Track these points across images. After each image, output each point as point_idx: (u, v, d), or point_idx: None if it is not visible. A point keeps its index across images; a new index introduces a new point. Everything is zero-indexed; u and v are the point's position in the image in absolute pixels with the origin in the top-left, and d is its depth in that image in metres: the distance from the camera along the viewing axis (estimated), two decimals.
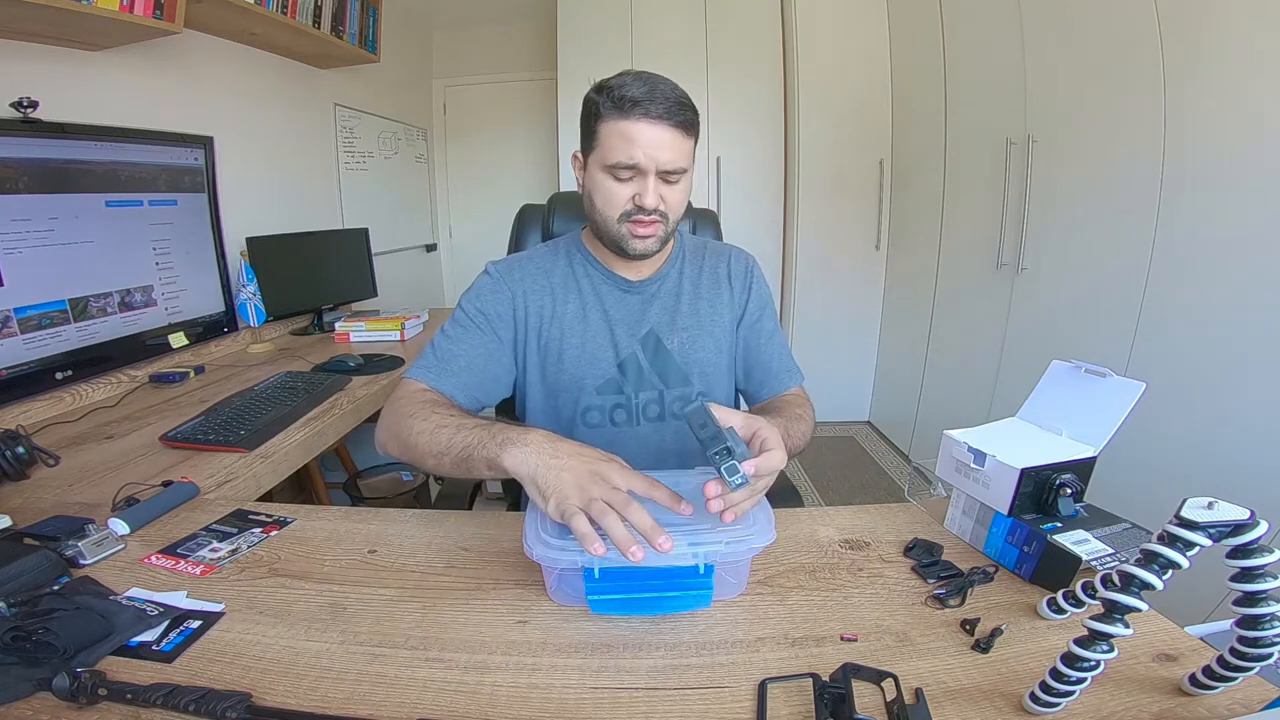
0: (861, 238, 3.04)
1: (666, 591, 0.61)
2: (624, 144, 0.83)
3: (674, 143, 0.84)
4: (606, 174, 0.87)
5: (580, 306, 0.97)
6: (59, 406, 1.36)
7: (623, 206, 0.87)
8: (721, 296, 1.02)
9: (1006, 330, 2.11)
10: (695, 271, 1.03)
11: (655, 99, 0.82)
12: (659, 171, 0.85)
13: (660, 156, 0.84)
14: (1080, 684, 0.47)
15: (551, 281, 0.98)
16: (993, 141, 2.10)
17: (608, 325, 0.97)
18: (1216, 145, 1.37)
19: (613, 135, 0.84)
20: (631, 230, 0.88)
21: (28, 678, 0.51)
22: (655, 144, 0.83)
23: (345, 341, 2.05)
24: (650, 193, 0.85)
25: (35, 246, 1.33)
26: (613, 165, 0.85)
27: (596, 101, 0.86)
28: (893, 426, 3.04)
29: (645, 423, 0.98)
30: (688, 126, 0.85)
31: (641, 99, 0.82)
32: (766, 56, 3.05)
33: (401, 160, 3.36)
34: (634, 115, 0.82)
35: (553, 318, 0.97)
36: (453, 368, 0.90)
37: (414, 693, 0.52)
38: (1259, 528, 0.42)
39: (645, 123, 0.82)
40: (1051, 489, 0.68)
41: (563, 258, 1.01)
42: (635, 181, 0.86)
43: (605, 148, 0.85)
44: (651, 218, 0.87)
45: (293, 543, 0.76)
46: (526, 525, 0.64)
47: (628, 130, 0.83)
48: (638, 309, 0.98)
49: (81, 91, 1.51)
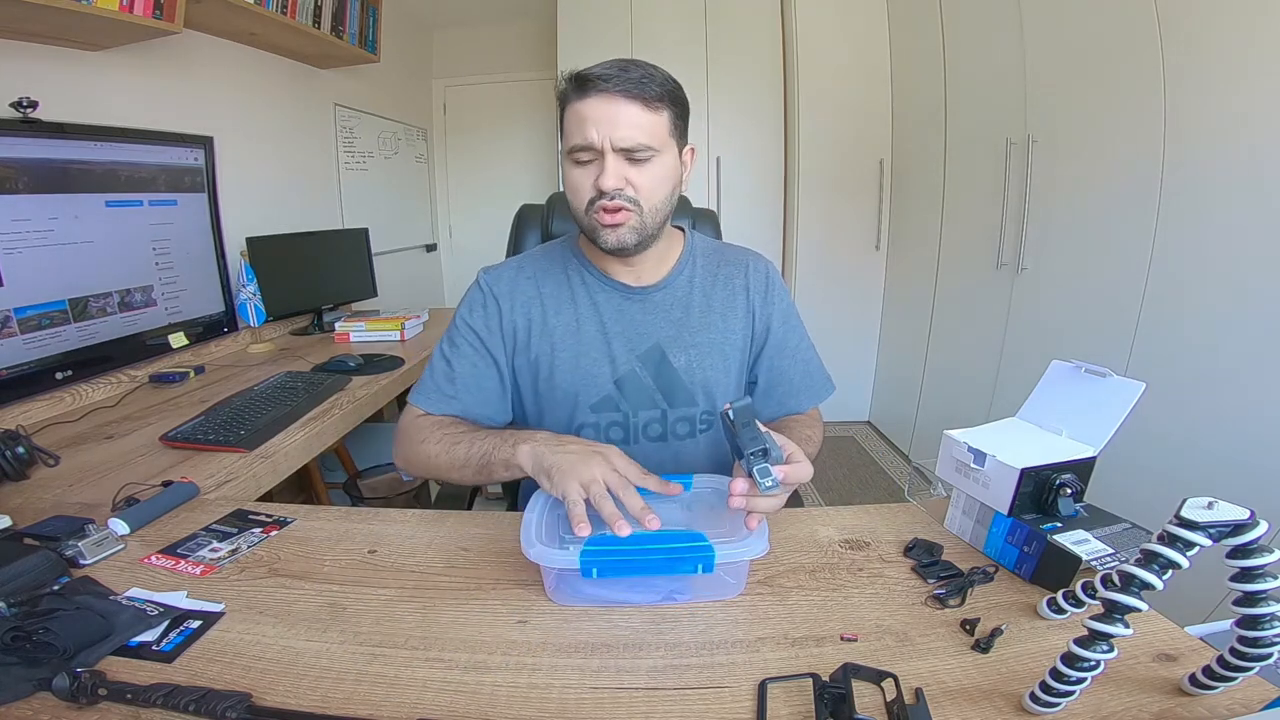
0: (861, 238, 3.04)
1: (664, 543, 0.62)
2: (580, 124, 0.77)
3: (635, 117, 0.77)
4: (570, 161, 0.81)
5: (574, 317, 0.91)
6: (59, 406, 1.36)
7: (587, 194, 0.80)
8: (736, 310, 0.94)
9: (1006, 330, 2.11)
10: (708, 280, 0.95)
11: (616, 73, 0.76)
12: (619, 149, 0.77)
13: (615, 133, 0.76)
14: (1080, 684, 0.47)
15: (542, 290, 0.92)
16: (993, 141, 2.10)
17: (604, 338, 0.90)
18: (1216, 145, 1.37)
19: (571, 119, 0.79)
20: (599, 219, 0.80)
21: (28, 678, 0.51)
22: (609, 120, 0.76)
23: (345, 341, 2.05)
24: (609, 174, 0.77)
25: (35, 246, 1.33)
26: (571, 149, 0.80)
27: (559, 92, 0.81)
28: (893, 426, 3.04)
29: (646, 442, 0.92)
30: (654, 100, 0.77)
31: (598, 75, 0.76)
32: (766, 56, 3.05)
33: (401, 160, 3.36)
34: (588, 92, 0.77)
35: (543, 330, 0.90)
36: (450, 392, 0.89)
37: (414, 693, 0.52)
38: (1259, 528, 0.42)
39: (601, 98, 0.76)
40: (1051, 489, 0.68)
41: (558, 262, 0.94)
42: (595, 164, 0.79)
43: (567, 134, 0.80)
44: (617, 203, 0.78)
45: (293, 543, 0.76)
46: (524, 526, 0.64)
47: (582, 109, 0.77)
48: (638, 319, 0.91)
49: (81, 91, 1.51)
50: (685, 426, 0.92)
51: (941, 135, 2.49)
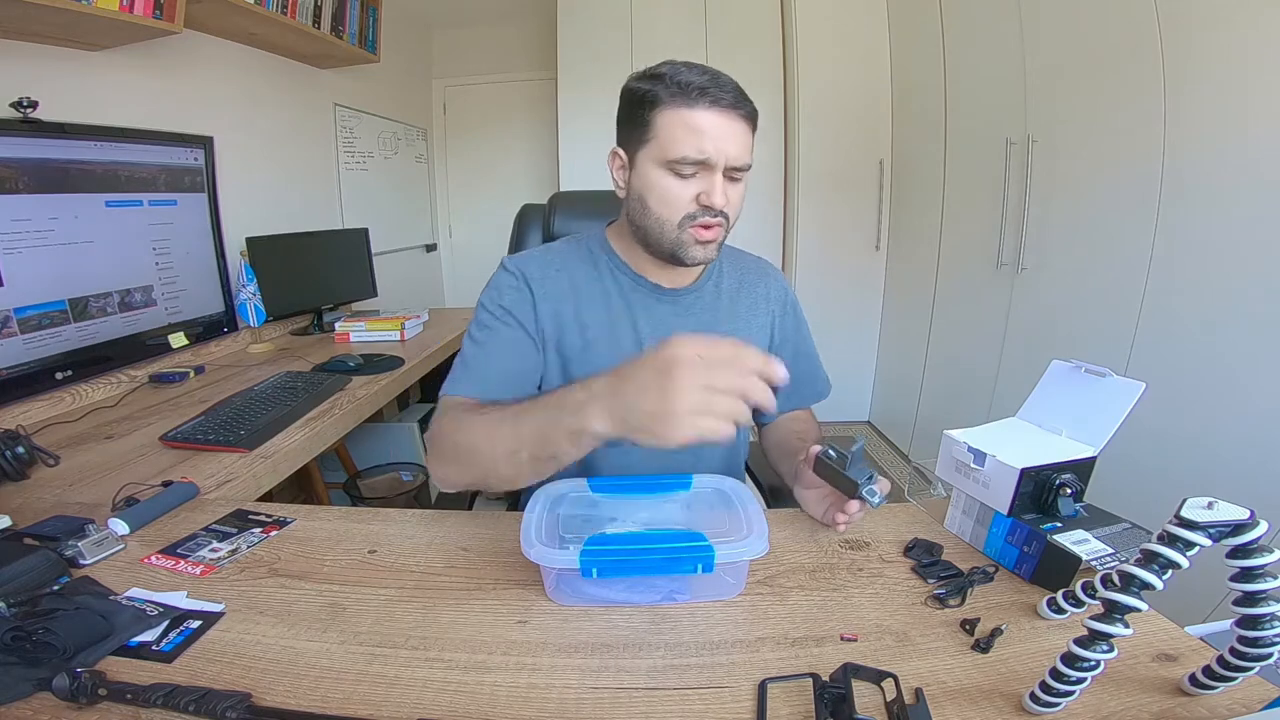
0: (861, 238, 3.04)
1: (664, 543, 0.62)
2: (690, 135, 0.74)
3: (743, 136, 0.76)
4: (666, 170, 0.77)
5: (607, 315, 0.87)
6: (59, 406, 1.36)
7: (685, 208, 0.77)
8: (758, 319, 0.94)
9: (1006, 330, 2.11)
10: (734, 286, 0.94)
11: (722, 85, 0.74)
12: (730, 167, 0.76)
13: (730, 150, 0.75)
14: (1080, 684, 0.47)
15: (575, 284, 0.88)
16: (993, 141, 2.10)
17: (636, 339, 0.87)
18: (1216, 145, 1.37)
19: (675, 126, 0.74)
20: (695, 235, 0.78)
21: (28, 678, 0.51)
22: (725, 135, 0.74)
23: (345, 341, 2.05)
24: (718, 190, 0.76)
25: (35, 246, 1.33)
26: (676, 160, 0.75)
27: (648, 89, 0.76)
28: (893, 426, 3.04)
29: None
30: (753, 119, 0.78)
31: (707, 85, 0.73)
32: (766, 56, 3.05)
33: (401, 160, 3.36)
34: (701, 103, 0.73)
35: (575, 325, 0.86)
36: (487, 375, 0.81)
37: (414, 693, 0.52)
38: (1259, 528, 0.42)
39: (714, 111, 0.74)
40: (1051, 489, 0.68)
41: (587, 258, 0.90)
42: (699, 179, 0.76)
43: (665, 140, 0.75)
44: (718, 219, 0.78)
45: (293, 543, 0.76)
46: (524, 526, 0.64)
47: (694, 120, 0.74)
48: (669, 321, 0.89)
49: (81, 91, 1.51)
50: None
51: (941, 135, 2.48)
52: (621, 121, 0.81)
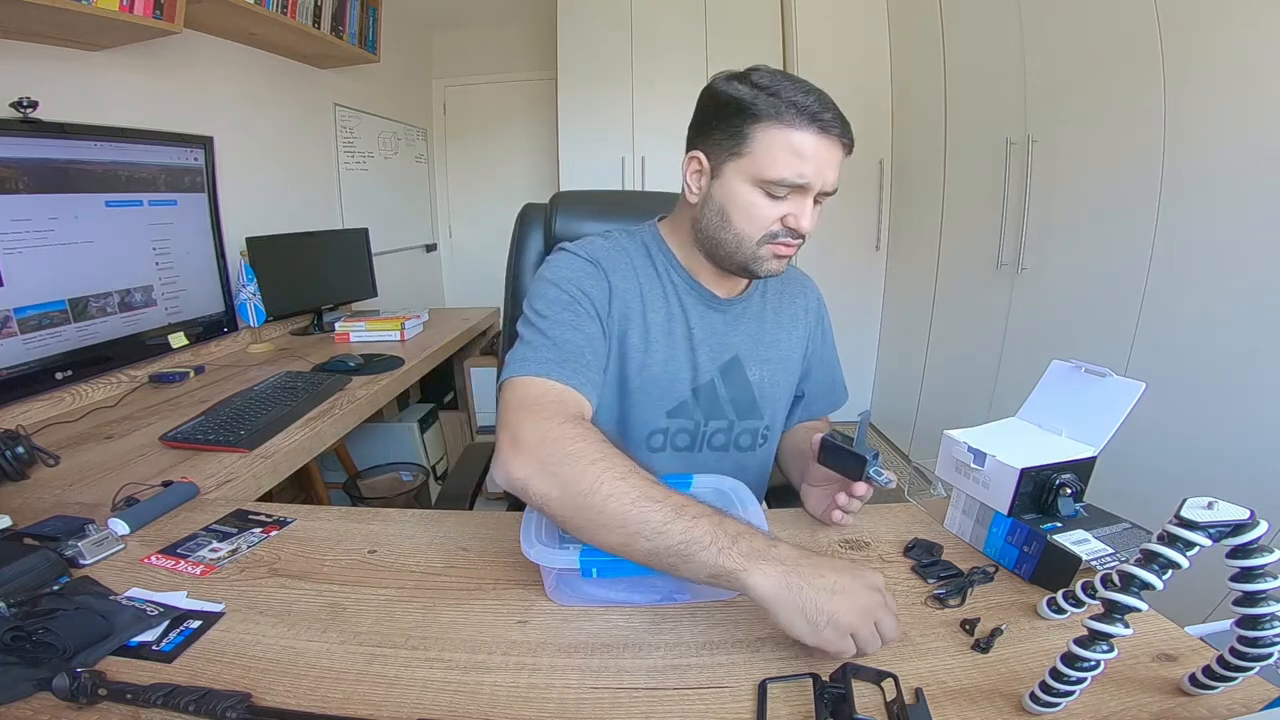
0: (861, 238, 3.04)
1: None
2: (792, 158, 0.72)
3: (840, 163, 0.75)
4: (757, 188, 0.74)
5: (667, 316, 0.85)
6: (59, 406, 1.36)
7: (769, 227, 0.76)
8: (797, 330, 0.95)
9: (1006, 330, 2.11)
10: (776, 296, 0.94)
11: (828, 108, 0.72)
12: (821, 193, 0.75)
13: (829, 176, 0.74)
14: (1080, 684, 0.47)
15: (640, 280, 0.85)
16: (993, 141, 2.10)
17: (690, 344, 0.86)
18: (1216, 145, 1.37)
19: (778, 145, 0.72)
20: (774, 251, 0.78)
21: (28, 678, 0.51)
22: (827, 162, 0.73)
23: (345, 341, 2.05)
24: (808, 215, 0.75)
25: (35, 246, 1.33)
26: (773, 181, 0.73)
27: (748, 100, 0.73)
28: (893, 426, 3.04)
29: (708, 450, 0.90)
30: (851, 148, 0.76)
31: (816, 109, 0.71)
32: (767, 56, 3.03)
33: (401, 160, 3.36)
34: (810, 127, 0.71)
35: (640, 322, 0.83)
36: (581, 362, 0.73)
37: (414, 693, 0.52)
38: (1259, 528, 0.42)
39: (826, 140, 0.72)
40: (1051, 489, 0.68)
41: (644, 255, 0.87)
42: (790, 201, 0.75)
43: (764, 158, 0.73)
44: (798, 240, 0.77)
45: (293, 543, 0.76)
46: (524, 526, 0.64)
47: (798, 143, 0.71)
48: (720, 329, 0.88)
49: (81, 91, 1.51)
50: (748, 439, 0.92)
51: (941, 135, 2.48)
52: (707, 126, 0.78)
